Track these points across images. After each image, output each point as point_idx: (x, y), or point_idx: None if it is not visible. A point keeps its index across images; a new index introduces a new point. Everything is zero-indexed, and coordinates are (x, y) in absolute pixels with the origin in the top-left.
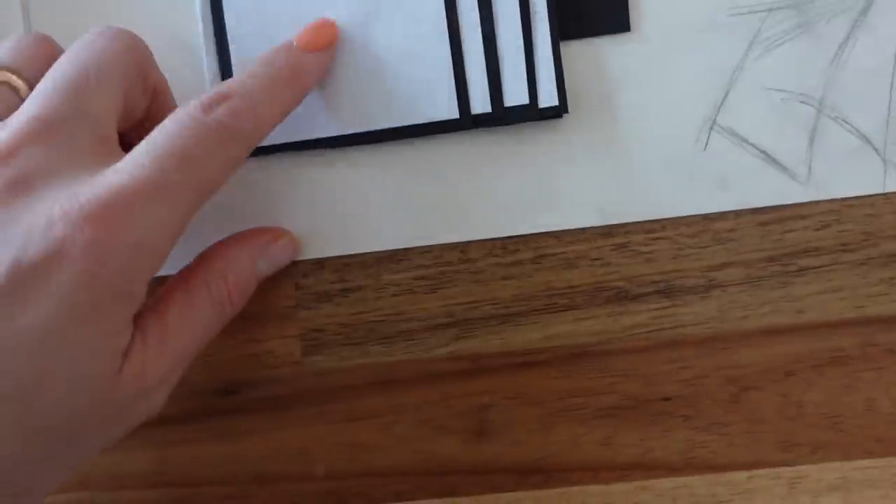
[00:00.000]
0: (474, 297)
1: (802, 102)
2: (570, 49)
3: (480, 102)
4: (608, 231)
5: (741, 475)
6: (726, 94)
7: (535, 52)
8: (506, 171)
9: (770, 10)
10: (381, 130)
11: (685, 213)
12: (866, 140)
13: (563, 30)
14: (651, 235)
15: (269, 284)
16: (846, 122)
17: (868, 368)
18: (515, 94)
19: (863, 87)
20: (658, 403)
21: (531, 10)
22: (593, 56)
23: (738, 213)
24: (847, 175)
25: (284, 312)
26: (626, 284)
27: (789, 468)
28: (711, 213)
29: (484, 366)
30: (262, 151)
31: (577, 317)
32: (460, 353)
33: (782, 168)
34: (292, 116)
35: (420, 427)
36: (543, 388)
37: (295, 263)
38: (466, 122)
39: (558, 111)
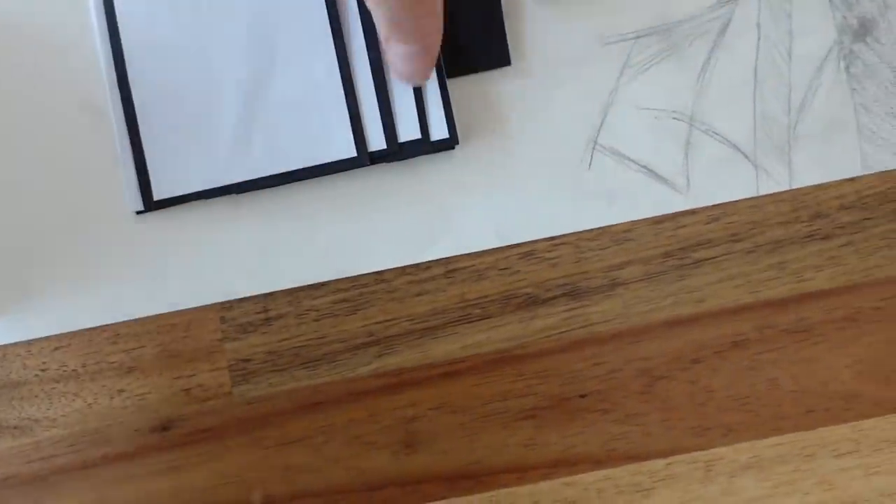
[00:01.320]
0: (392, 315)
1: (675, 119)
2: (459, 84)
3: (376, 140)
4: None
5: (660, 463)
6: (605, 117)
7: (423, 88)
8: (403, 203)
9: (637, 37)
10: (285, 173)
11: (577, 230)
12: (736, 148)
13: (451, 67)
14: (554, 242)
15: (194, 320)
16: (716, 134)
17: (768, 350)
18: (408, 130)
19: (728, 101)
20: (576, 401)
21: None
22: (480, 90)
23: None
24: (722, 182)
25: (211, 346)
26: (534, 290)
27: (704, 452)
28: None
29: (407, 380)
30: (169, 203)
31: (492, 325)
32: (383, 370)
33: (663, 180)
34: (199, 166)
35: (350, 445)
36: (466, 396)
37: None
38: (364, 159)
39: (450, 143)
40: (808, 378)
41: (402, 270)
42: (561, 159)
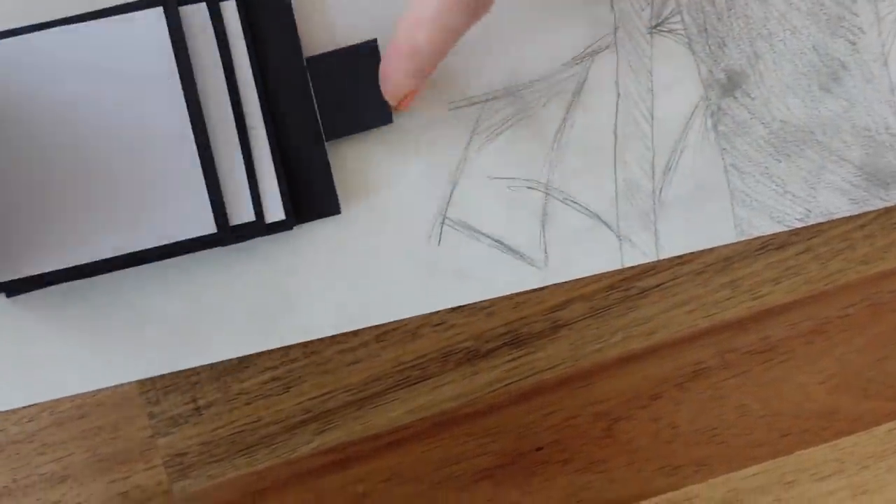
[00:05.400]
0: (327, 388)
1: (530, 188)
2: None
3: (205, 224)
4: None
5: None
6: (453, 188)
7: (256, 166)
8: (241, 289)
9: (486, 100)
10: (140, 251)
11: (427, 311)
12: (597, 218)
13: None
14: None
15: (122, 419)
16: (575, 203)
17: (731, 375)
18: (241, 212)
19: (586, 167)
20: (533, 454)
21: (248, 126)
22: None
23: None
24: (583, 254)
25: (143, 443)
26: (473, 343)
27: (677, 492)
28: None
29: (352, 454)
30: (17, 289)
31: (434, 385)
32: (326, 447)
33: (518, 255)
34: (51, 245)
35: None
36: (416, 463)
37: (141, 392)
38: (195, 244)
39: (287, 224)
40: (778, 400)
41: (332, 339)
42: (408, 235)
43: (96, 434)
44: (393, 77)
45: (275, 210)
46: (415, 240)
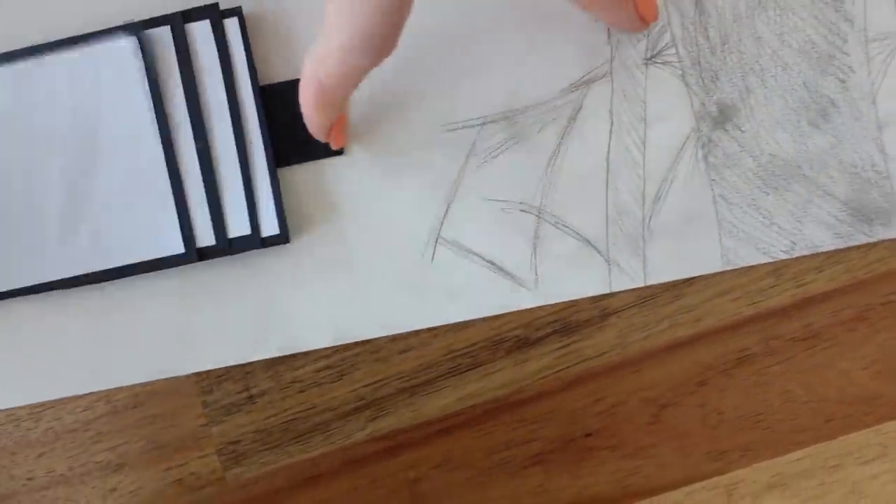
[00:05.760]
0: (380, 376)
1: (523, 211)
2: (292, 174)
3: (205, 236)
4: None
5: (679, 493)
6: (448, 208)
7: (253, 183)
8: (234, 300)
9: (483, 123)
10: (112, 269)
11: (418, 327)
12: (588, 242)
13: (282, 156)
14: None
15: (176, 408)
16: (566, 227)
17: (776, 362)
18: (238, 226)
19: (579, 192)
20: (582, 440)
21: (247, 142)
22: (314, 180)
23: None
24: (573, 277)
25: (198, 432)
26: (523, 331)
27: (723, 476)
28: None
29: (404, 441)
30: None
31: (484, 373)
32: (379, 434)
33: (509, 276)
34: (24, 261)
35: None
36: (468, 449)
37: (195, 382)
38: (192, 255)
39: (281, 238)
40: (822, 386)
41: None
42: (402, 253)
43: (151, 423)
44: (304, 111)
45: (270, 225)
46: (409, 257)
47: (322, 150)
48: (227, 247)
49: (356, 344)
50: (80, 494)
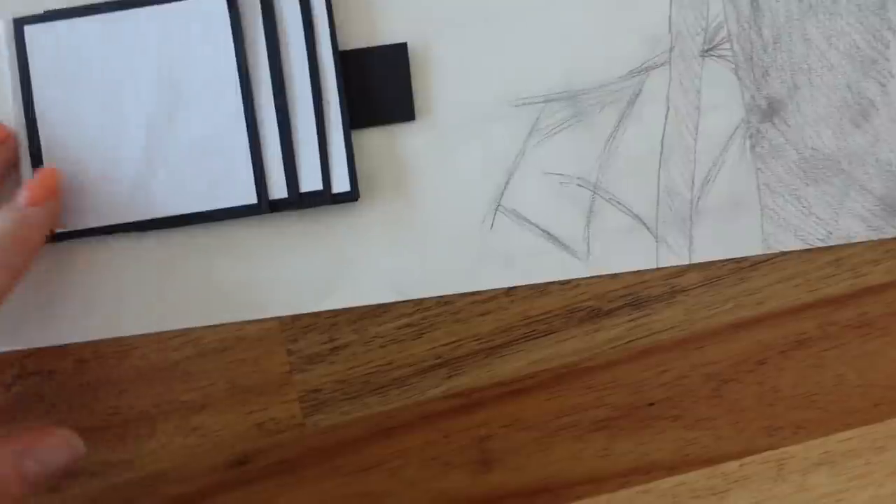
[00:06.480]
0: (458, 337)
1: (579, 185)
2: (363, 136)
3: (278, 188)
4: None
5: (733, 465)
6: (509, 178)
7: (327, 140)
8: (302, 252)
9: (547, 101)
10: (186, 215)
11: (475, 289)
12: (638, 219)
13: (355, 118)
14: None
15: (262, 354)
16: (619, 203)
17: (831, 347)
18: (310, 181)
19: (633, 171)
20: (646, 409)
21: (324, 101)
22: (385, 143)
23: None
24: (622, 252)
25: (281, 378)
26: (597, 303)
27: (775, 451)
28: None
29: (477, 399)
30: (70, 236)
31: (557, 339)
32: (453, 391)
33: (563, 246)
34: (102, 201)
35: (426, 467)
36: (536, 411)
37: (281, 330)
38: (264, 206)
39: (351, 196)
40: (873, 372)
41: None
42: (463, 218)
43: (237, 367)
44: None
45: (341, 182)
46: (469, 222)
47: (394, 115)
48: (297, 200)
49: (437, 304)
50: (162, 431)
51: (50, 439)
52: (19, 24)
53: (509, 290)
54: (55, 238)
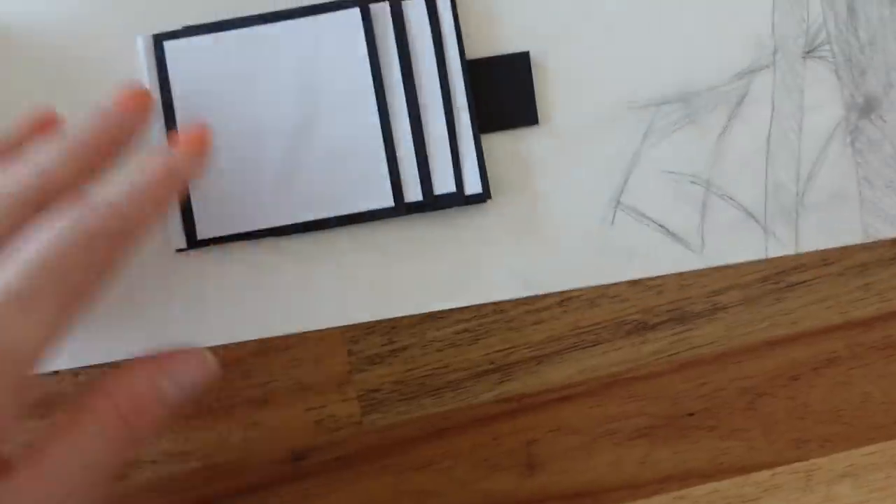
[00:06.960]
0: (511, 344)
1: (692, 183)
2: (489, 140)
3: (413, 191)
4: None
5: (764, 474)
6: (627, 177)
7: (459, 144)
8: (436, 252)
9: (661, 103)
10: (325, 219)
11: (599, 283)
12: (749, 213)
13: (482, 123)
14: None
15: (324, 353)
16: (731, 199)
17: (858, 366)
18: (444, 183)
19: (742, 168)
20: (684, 419)
21: (454, 107)
22: (510, 146)
23: None
24: (734, 244)
25: (341, 378)
26: (643, 316)
27: (804, 463)
28: None
29: (527, 404)
30: (210, 242)
31: (605, 350)
32: (504, 396)
33: (679, 240)
34: (242, 208)
35: (475, 468)
36: (582, 417)
37: (342, 332)
38: (401, 209)
39: (482, 197)
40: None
41: (520, 301)
42: (585, 215)
43: (298, 365)
44: None
45: (473, 184)
46: (592, 219)
47: (519, 120)
48: (433, 202)
49: (493, 311)
50: (223, 425)
51: (185, 358)
52: (159, 41)
53: (562, 302)
54: (196, 244)
